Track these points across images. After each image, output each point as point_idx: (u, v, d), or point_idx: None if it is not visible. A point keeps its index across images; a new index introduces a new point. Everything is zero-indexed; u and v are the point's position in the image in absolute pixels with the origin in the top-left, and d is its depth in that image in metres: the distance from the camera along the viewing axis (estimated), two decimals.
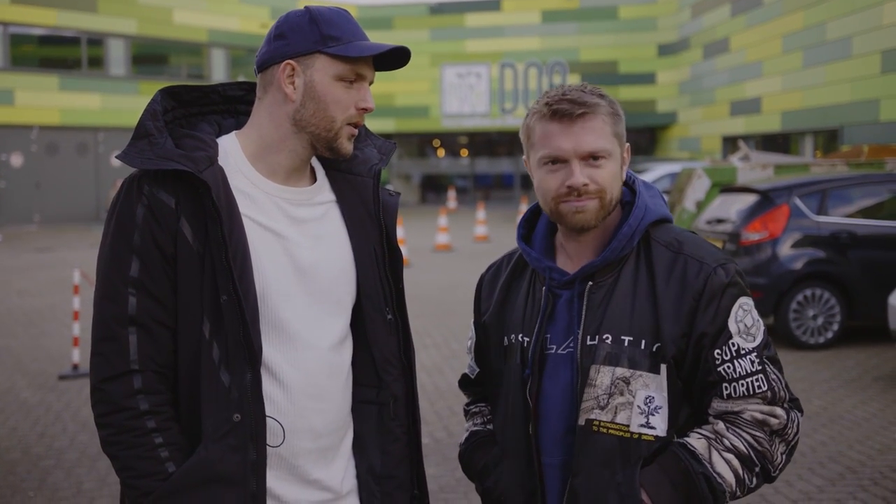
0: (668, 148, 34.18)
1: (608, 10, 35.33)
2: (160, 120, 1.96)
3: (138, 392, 1.87)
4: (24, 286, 14.51)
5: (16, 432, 6.66)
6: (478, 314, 2.29)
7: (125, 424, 1.87)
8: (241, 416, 1.88)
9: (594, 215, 2.00)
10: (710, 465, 1.92)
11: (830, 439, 6.31)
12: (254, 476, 1.89)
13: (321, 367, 2.00)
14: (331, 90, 1.96)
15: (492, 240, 21.64)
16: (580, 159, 1.98)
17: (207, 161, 1.91)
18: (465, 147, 39.15)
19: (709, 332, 1.95)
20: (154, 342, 1.89)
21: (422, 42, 35.79)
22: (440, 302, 12.36)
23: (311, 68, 1.95)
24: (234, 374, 1.88)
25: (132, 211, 1.89)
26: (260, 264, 1.94)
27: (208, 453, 1.87)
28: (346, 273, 2.07)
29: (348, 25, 1.99)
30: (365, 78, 2.00)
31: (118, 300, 1.88)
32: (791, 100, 24.36)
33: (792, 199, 9.71)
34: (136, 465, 1.87)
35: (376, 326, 2.09)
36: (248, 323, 1.87)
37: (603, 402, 1.96)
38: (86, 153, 29.35)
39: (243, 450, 1.88)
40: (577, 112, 1.98)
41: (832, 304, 9.48)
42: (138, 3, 30.42)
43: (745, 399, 1.95)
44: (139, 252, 1.88)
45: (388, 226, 2.12)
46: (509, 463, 2.12)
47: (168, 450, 1.88)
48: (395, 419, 2.11)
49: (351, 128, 2.00)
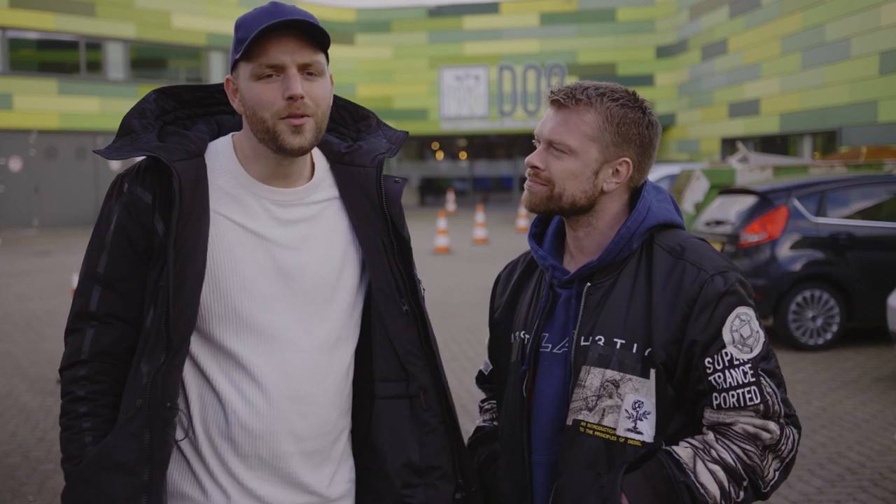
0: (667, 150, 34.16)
1: (606, 12, 35.33)
2: (149, 117, 1.97)
3: (81, 379, 1.92)
4: (23, 290, 14.50)
5: (15, 436, 6.66)
6: (491, 311, 2.31)
7: (64, 408, 1.94)
8: (143, 401, 1.86)
9: (539, 201, 2.05)
10: (694, 475, 1.90)
11: (830, 440, 6.31)
12: (147, 465, 1.85)
13: (304, 370, 1.97)
14: (253, 93, 1.90)
15: (491, 242, 21.63)
16: (544, 144, 2.04)
17: (184, 154, 1.92)
18: (463, 150, 39.14)
19: (700, 339, 1.93)
20: (108, 335, 1.93)
21: (420, 45, 35.80)
22: (439, 305, 12.35)
23: (239, 78, 1.94)
24: (152, 362, 1.87)
25: (110, 209, 1.95)
26: (238, 266, 1.93)
27: (111, 439, 1.87)
28: (337, 273, 2.03)
29: (258, 18, 1.88)
30: (284, 67, 1.87)
31: (86, 295, 1.95)
32: (790, 101, 24.36)
33: (791, 201, 9.72)
34: (65, 446, 1.92)
35: (394, 319, 2.05)
36: (172, 312, 1.86)
37: (591, 404, 1.96)
38: (85, 157, 29.33)
39: (139, 437, 1.86)
40: (564, 102, 2.02)
41: (831, 306, 9.48)
42: (137, 7, 30.42)
43: (737, 411, 1.92)
44: (108, 247, 1.93)
45: (392, 215, 2.07)
46: (506, 459, 2.14)
47: (92, 435, 1.90)
48: (427, 410, 2.06)
49: (288, 121, 1.88)
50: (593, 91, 2.01)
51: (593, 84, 2.03)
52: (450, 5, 36.75)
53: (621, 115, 2.01)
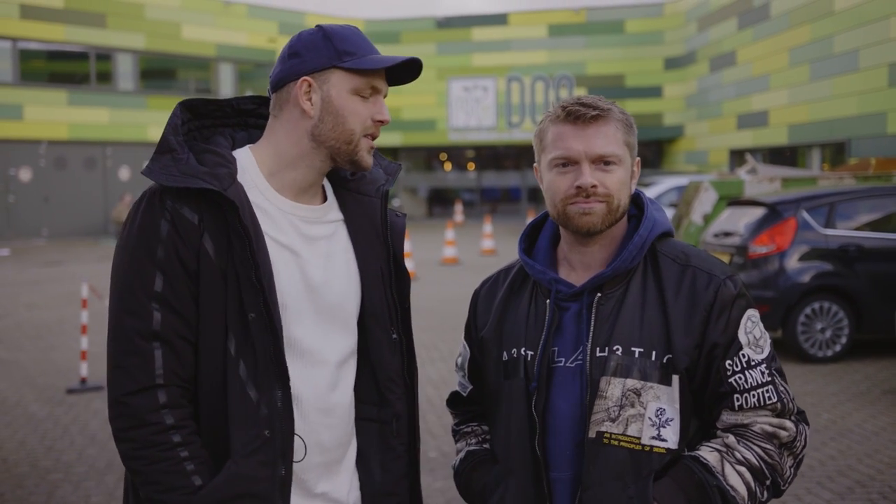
0: (675, 161, 34.17)
1: (615, 23, 35.40)
2: (181, 134, 1.98)
3: (163, 406, 1.87)
4: (32, 300, 14.55)
5: (24, 446, 6.67)
6: (473, 330, 2.27)
7: (150, 439, 1.86)
8: (271, 432, 1.89)
9: (601, 219, 2.01)
10: (724, 477, 1.92)
11: (839, 453, 6.29)
12: (280, 493, 1.91)
13: (329, 383, 2.02)
14: (348, 104, 1.99)
15: (499, 253, 21.63)
16: (591, 161, 2.00)
17: (230, 178, 1.92)
18: (471, 160, 39.20)
19: (721, 342, 1.96)
20: (177, 357, 1.89)
21: (429, 56, 35.88)
22: (447, 315, 12.35)
23: (328, 83, 1.98)
24: (263, 390, 1.90)
25: (156, 225, 1.89)
26: (278, 282, 1.95)
27: (239, 468, 1.88)
28: (353, 291, 2.09)
29: (361, 41, 2.02)
30: (380, 91, 2.03)
31: (142, 314, 1.88)
32: (798, 113, 24.35)
33: (799, 213, 9.70)
34: (163, 479, 1.86)
35: (381, 345, 2.11)
36: (278, 340, 1.90)
37: (614, 415, 1.96)
38: (94, 167, 29.46)
39: (272, 466, 1.90)
40: (591, 115, 2.00)
41: (840, 318, 9.45)
42: (146, 18, 30.58)
43: (755, 411, 1.96)
44: (163, 267, 1.88)
45: (395, 247, 2.14)
46: (514, 481, 2.09)
47: (193, 463, 1.88)
48: (396, 437, 2.12)
49: (369, 140, 2.02)
50: (602, 102, 2.04)
51: (591, 97, 2.05)
52: (458, 17, 36.89)
53: (626, 119, 2.06)
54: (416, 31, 36.73)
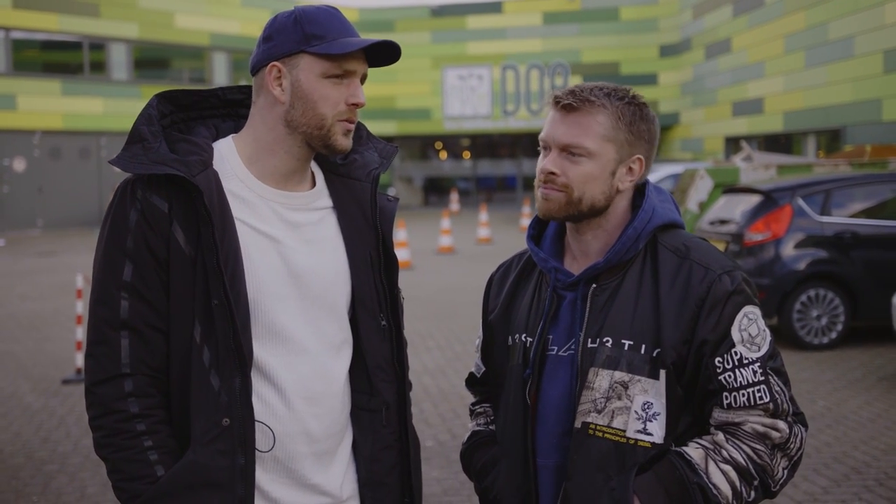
0: (671, 149, 34.13)
1: (609, 11, 35.31)
2: (155, 124, 1.96)
3: (129, 395, 1.88)
4: (26, 290, 14.52)
5: (19, 437, 6.66)
6: (485, 313, 2.29)
7: (115, 427, 1.87)
8: (231, 420, 1.88)
9: (558, 207, 2.01)
10: (707, 475, 1.90)
11: (835, 440, 6.30)
12: (242, 481, 1.89)
13: (315, 372, 2.00)
14: (317, 88, 1.95)
15: (494, 242, 21.62)
16: (558, 149, 2.00)
17: (201, 165, 1.91)
18: (467, 149, 39.13)
19: (710, 339, 1.93)
20: (146, 346, 1.90)
21: (423, 44, 35.78)
22: (443, 304, 12.35)
23: (297, 68, 1.95)
24: (224, 378, 1.88)
25: (125, 215, 1.90)
26: (254, 268, 1.93)
27: (196, 457, 1.87)
28: (341, 278, 2.07)
29: (333, 22, 1.98)
30: (354, 73, 1.98)
31: (111, 304, 1.89)
32: (793, 100, 24.33)
33: (795, 200, 9.70)
34: (126, 467, 1.87)
35: (370, 333, 2.09)
36: (239, 327, 1.88)
37: (600, 406, 1.95)
38: (88, 158, 29.36)
39: (231, 454, 1.88)
40: (574, 105, 1.99)
41: (836, 305, 9.46)
42: (140, 7, 30.44)
43: (747, 410, 1.93)
44: (132, 256, 1.89)
45: (384, 231, 2.12)
46: (507, 463, 2.12)
47: (157, 453, 1.88)
48: (387, 426, 2.11)
49: (344, 124, 1.99)
50: (600, 92, 2.01)
51: (596, 85, 2.03)
52: (453, 5, 36.74)
53: (630, 112, 2.01)
54: (411, 20, 36.60)
